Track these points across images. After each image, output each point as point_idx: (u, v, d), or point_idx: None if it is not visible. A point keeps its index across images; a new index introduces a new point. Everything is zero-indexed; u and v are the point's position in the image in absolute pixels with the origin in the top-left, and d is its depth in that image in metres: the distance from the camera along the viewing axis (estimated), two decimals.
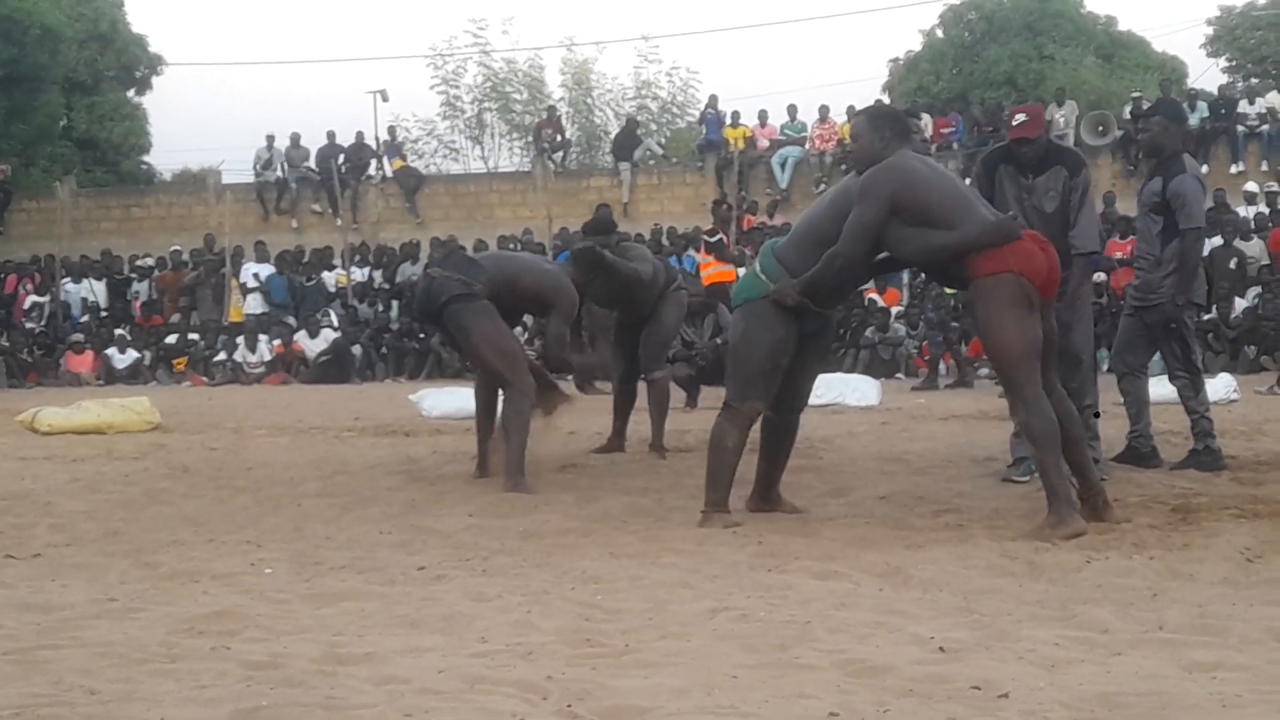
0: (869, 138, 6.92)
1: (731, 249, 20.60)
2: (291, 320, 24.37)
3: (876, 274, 8.00)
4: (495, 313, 8.73)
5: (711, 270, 19.75)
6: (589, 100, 35.36)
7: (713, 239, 21.07)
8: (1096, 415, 8.31)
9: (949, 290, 19.03)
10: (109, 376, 23.42)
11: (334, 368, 22.70)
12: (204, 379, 23.19)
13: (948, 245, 6.64)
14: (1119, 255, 20.87)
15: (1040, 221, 7.82)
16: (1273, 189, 23.04)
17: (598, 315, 10.77)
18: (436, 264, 9.12)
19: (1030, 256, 6.54)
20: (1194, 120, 24.88)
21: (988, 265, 6.53)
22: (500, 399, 8.87)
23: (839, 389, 14.53)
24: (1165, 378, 9.29)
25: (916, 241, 6.70)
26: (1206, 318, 17.93)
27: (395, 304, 25.19)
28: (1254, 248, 21.20)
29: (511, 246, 24.41)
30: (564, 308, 9.08)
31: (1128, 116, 25.37)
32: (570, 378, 10.66)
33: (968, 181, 8.22)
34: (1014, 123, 8.17)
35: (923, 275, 16.74)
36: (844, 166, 25.36)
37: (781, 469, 7.44)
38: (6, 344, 24.51)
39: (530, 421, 8.66)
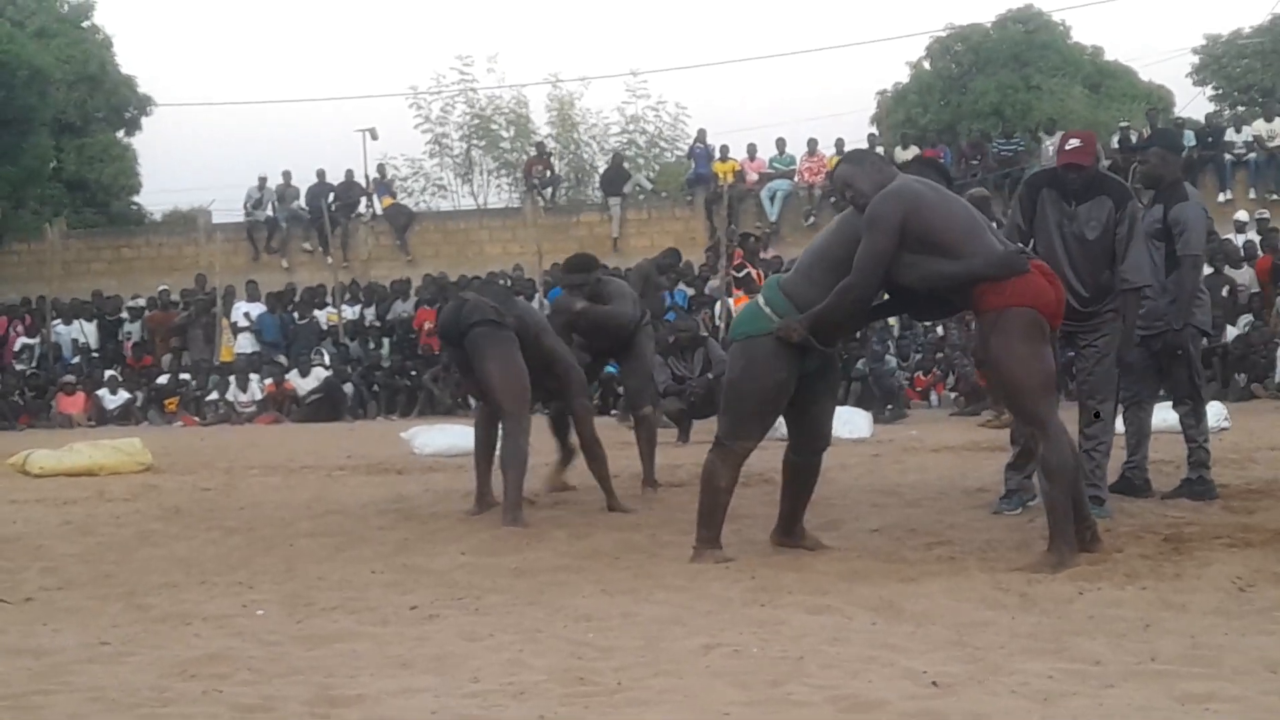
0: (862, 175, 6.79)
1: (761, 280, 20.23)
2: (283, 359, 24.35)
3: (877, 317, 7.88)
4: (517, 346, 8.75)
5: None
6: (575, 136, 35.42)
7: (740, 274, 20.75)
8: (1098, 415, 8.32)
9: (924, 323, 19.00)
10: (100, 418, 23.36)
11: (326, 406, 22.67)
12: (196, 419, 23.14)
13: (953, 274, 6.52)
14: None
15: (1080, 249, 7.74)
16: (1263, 216, 23.11)
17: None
18: (474, 289, 9.16)
19: (1040, 291, 6.47)
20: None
21: (997, 299, 6.45)
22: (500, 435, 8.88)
23: None
24: (1167, 404, 9.27)
25: (920, 269, 6.56)
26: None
27: (387, 341, 25.17)
28: (1244, 275, 21.20)
29: (503, 282, 24.49)
30: (576, 388, 9.21)
31: (1115, 146, 25.43)
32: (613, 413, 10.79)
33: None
34: (1066, 147, 7.99)
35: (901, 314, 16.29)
36: (834, 200, 25.37)
37: (804, 506, 7.33)
38: None
39: (528, 457, 8.67)
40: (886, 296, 7.05)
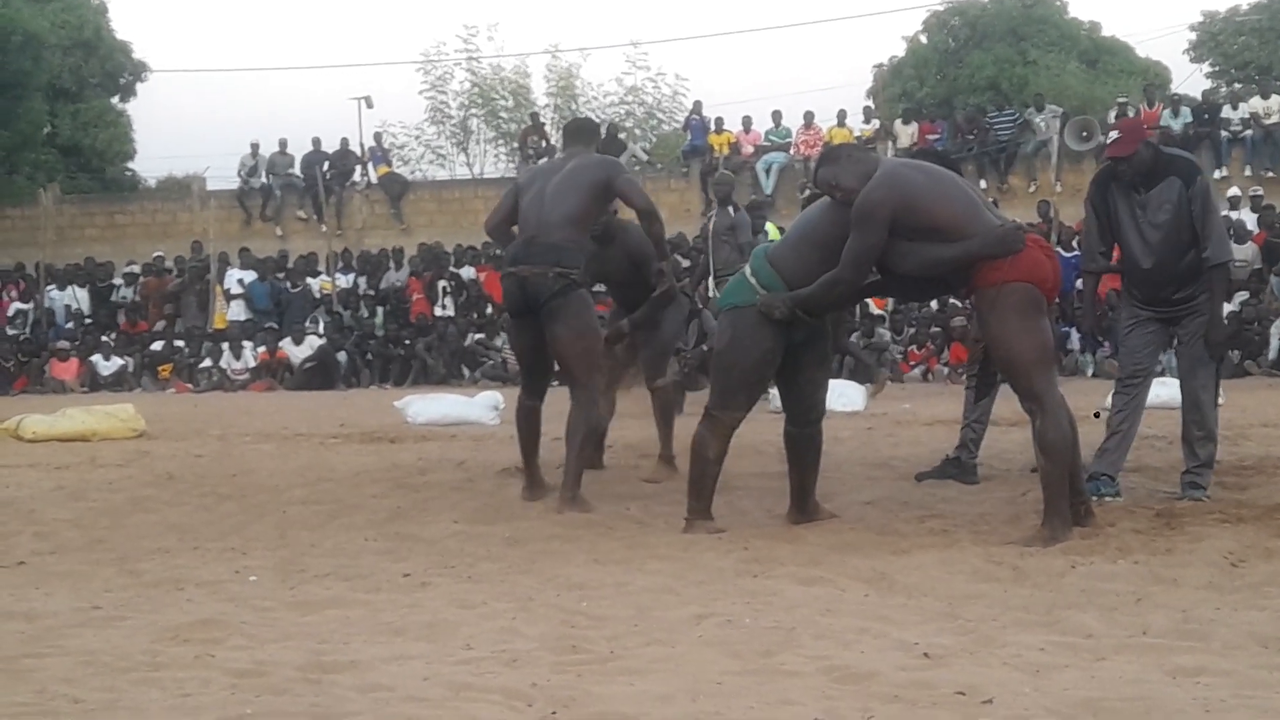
0: (844, 171, 6.68)
1: None
2: (274, 326, 24.33)
3: (866, 297, 7.79)
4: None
5: None
6: (573, 106, 35.32)
7: None
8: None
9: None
10: (94, 383, 23.37)
11: (319, 374, 22.67)
12: (189, 386, 23.14)
13: (951, 258, 6.49)
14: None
15: (1158, 236, 7.56)
16: (1257, 194, 23.08)
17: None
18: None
19: (1038, 265, 6.45)
20: (1178, 126, 24.97)
21: (995, 274, 6.42)
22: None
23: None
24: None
25: (917, 256, 6.54)
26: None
27: (380, 310, 25.15)
28: (1247, 251, 21.10)
29: (499, 253, 24.47)
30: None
31: (1111, 121, 25.40)
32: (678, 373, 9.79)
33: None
34: (1108, 139, 7.87)
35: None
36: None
37: (813, 479, 7.28)
38: None
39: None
40: (876, 276, 7.02)
